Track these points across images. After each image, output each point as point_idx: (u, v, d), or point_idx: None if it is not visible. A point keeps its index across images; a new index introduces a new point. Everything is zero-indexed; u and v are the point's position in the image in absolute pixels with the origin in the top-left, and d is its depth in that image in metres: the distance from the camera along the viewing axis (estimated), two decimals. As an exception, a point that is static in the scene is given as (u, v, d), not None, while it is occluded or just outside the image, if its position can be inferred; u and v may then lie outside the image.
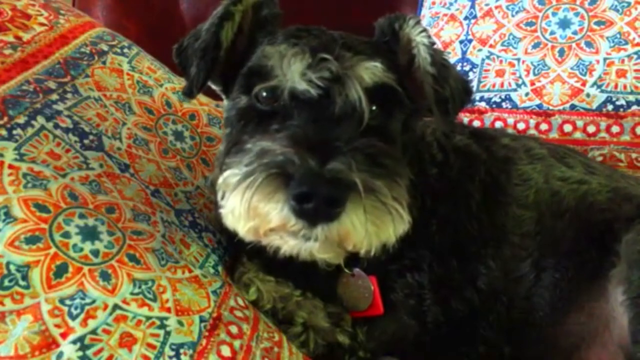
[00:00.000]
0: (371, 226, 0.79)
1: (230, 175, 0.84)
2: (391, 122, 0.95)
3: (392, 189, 0.82)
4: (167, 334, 0.78)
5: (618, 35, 1.57)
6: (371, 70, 0.90)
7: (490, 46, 1.73)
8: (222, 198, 0.86)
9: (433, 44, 0.97)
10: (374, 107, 0.91)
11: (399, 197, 0.83)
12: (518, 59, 1.68)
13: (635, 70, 1.53)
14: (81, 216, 0.84)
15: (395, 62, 0.99)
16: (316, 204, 0.75)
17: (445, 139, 1.15)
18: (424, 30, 0.98)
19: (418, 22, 0.99)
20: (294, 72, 0.88)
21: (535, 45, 1.67)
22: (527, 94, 1.63)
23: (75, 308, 0.75)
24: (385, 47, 1.01)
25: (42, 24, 1.10)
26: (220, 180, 0.87)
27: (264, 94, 0.92)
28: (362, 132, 0.88)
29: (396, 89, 0.93)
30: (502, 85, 1.68)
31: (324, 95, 0.87)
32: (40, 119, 0.93)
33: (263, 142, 0.84)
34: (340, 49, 0.91)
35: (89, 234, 0.82)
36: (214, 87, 1.07)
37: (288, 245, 0.82)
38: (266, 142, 0.83)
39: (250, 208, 0.79)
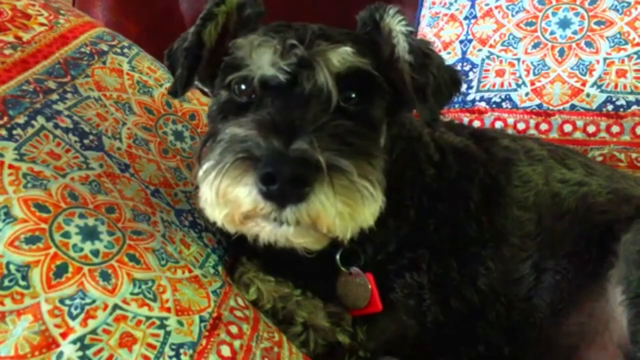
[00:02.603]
0: (341, 206, 0.78)
1: (204, 168, 0.84)
2: (371, 109, 0.95)
3: (360, 167, 0.81)
4: (167, 334, 0.78)
5: (618, 35, 1.57)
6: (341, 55, 0.89)
7: (490, 46, 1.73)
8: (201, 192, 0.86)
9: (411, 32, 0.97)
10: (353, 95, 0.92)
11: (368, 175, 0.82)
12: (518, 59, 1.68)
13: (635, 70, 1.53)
14: (81, 216, 0.84)
15: (377, 52, 0.99)
16: (281, 184, 0.75)
17: (443, 140, 1.15)
18: (403, 19, 0.97)
19: (398, 12, 0.98)
20: (263, 61, 0.89)
21: (535, 45, 1.67)
22: (527, 94, 1.63)
23: (75, 308, 0.75)
24: (367, 37, 1.01)
25: (42, 24, 1.10)
26: (199, 173, 0.87)
27: (239, 86, 0.93)
28: (340, 117, 0.88)
29: (373, 74, 0.92)
30: (502, 85, 1.68)
31: (292, 81, 0.88)
32: (40, 119, 0.93)
33: (233, 129, 0.84)
34: (316, 38, 0.92)
35: (89, 234, 0.82)
36: (205, 89, 1.08)
37: (265, 231, 0.82)
38: (235, 129, 0.84)
39: (219, 194, 0.79)
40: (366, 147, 0.87)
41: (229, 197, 0.79)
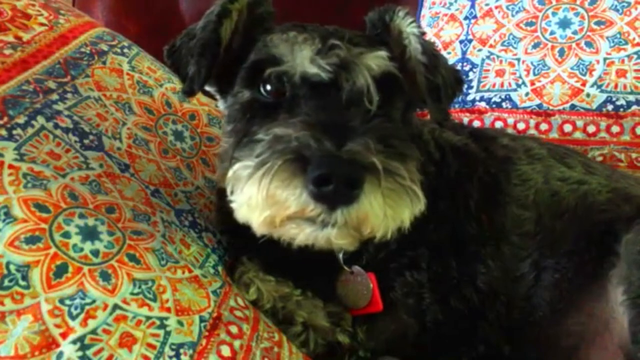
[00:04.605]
0: (388, 207, 0.79)
1: (241, 168, 0.83)
2: (393, 111, 0.96)
3: (407, 169, 0.82)
4: (167, 334, 0.78)
5: (618, 35, 1.57)
6: (378, 59, 0.91)
7: (490, 46, 1.73)
8: (232, 192, 0.85)
9: (423, 33, 0.98)
10: (377, 97, 0.92)
11: (413, 176, 0.83)
12: (518, 59, 1.68)
13: (635, 70, 1.53)
14: (81, 216, 0.84)
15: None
16: (335, 186, 0.74)
17: (443, 138, 1.16)
18: (414, 21, 0.99)
19: (407, 14, 1.00)
20: (303, 57, 0.88)
21: (535, 45, 1.67)
22: (527, 94, 1.63)
23: (75, 308, 0.75)
24: (379, 39, 1.01)
25: (42, 24, 1.10)
26: (229, 174, 0.86)
27: (269, 86, 0.91)
28: (376, 119, 0.88)
29: (398, 77, 0.94)
30: (502, 85, 1.68)
31: (331, 83, 0.88)
32: (40, 119, 0.93)
33: (276, 130, 0.83)
34: (351, 40, 0.92)
35: (89, 234, 0.82)
36: (208, 87, 1.07)
37: (304, 233, 0.81)
38: (279, 129, 0.82)
39: (268, 195, 0.77)
40: (406, 149, 0.87)
41: (277, 198, 0.77)
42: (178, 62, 0.99)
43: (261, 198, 0.78)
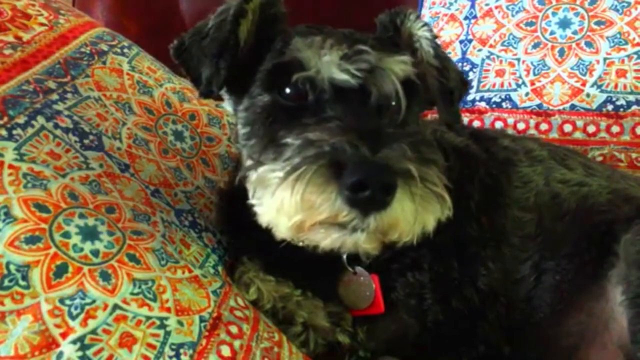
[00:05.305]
0: (419, 214, 0.79)
1: (267, 171, 0.82)
2: (412, 116, 0.95)
3: (438, 175, 0.82)
4: (167, 334, 0.78)
5: (618, 35, 1.57)
6: (402, 63, 0.91)
7: (490, 46, 1.73)
8: (256, 196, 0.85)
9: (435, 37, 0.99)
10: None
11: (442, 182, 0.83)
12: (518, 59, 1.68)
13: (635, 70, 1.53)
14: (81, 216, 0.84)
15: None
16: (372, 191, 0.73)
17: (444, 140, 1.16)
18: (426, 24, 0.99)
19: (419, 17, 1.00)
20: (330, 63, 0.87)
21: (535, 45, 1.67)
22: (527, 94, 1.64)
23: (75, 308, 0.75)
24: (390, 42, 1.01)
25: (42, 24, 1.10)
26: (253, 177, 0.85)
27: (289, 90, 0.90)
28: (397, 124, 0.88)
29: (416, 82, 0.93)
30: (502, 85, 1.68)
31: (359, 88, 0.87)
32: (40, 119, 0.93)
33: (308, 134, 0.81)
34: (375, 45, 0.91)
35: (89, 234, 0.82)
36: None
37: (331, 238, 0.80)
38: (311, 134, 0.81)
39: (302, 200, 0.76)
40: (433, 154, 0.87)
41: (311, 203, 0.76)
42: (188, 62, 0.97)
43: (295, 202, 0.76)
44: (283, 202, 0.78)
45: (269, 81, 0.93)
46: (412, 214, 0.78)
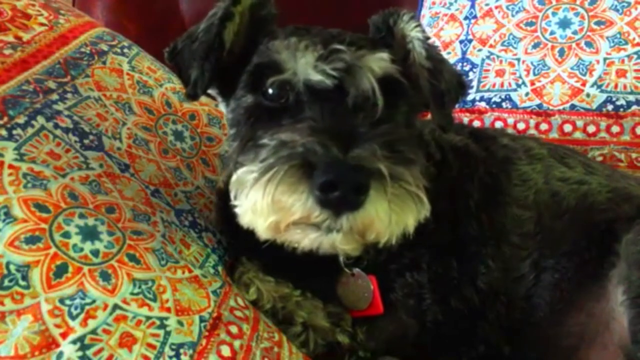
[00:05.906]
0: (394, 214, 0.79)
1: (245, 172, 0.83)
2: (397, 114, 0.95)
3: (413, 175, 0.82)
4: (167, 334, 0.78)
5: (618, 35, 1.57)
6: (380, 61, 0.90)
7: (490, 46, 1.73)
8: (236, 197, 0.85)
9: (427, 38, 0.98)
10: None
11: (418, 182, 0.82)
12: (518, 59, 1.68)
13: (635, 70, 1.53)
14: (81, 216, 0.84)
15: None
16: (342, 192, 0.74)
17: (443, 139, 1.15)
18: (419, 25, 0.98)
19: (412, 17, 0.99)
20: (306, 64, 0.87)
21: (535, 45, 1.67)
22: (527, 94, 1.63)
23: (75, 308, 0.75)
24: (382, 42, 1.01)
25: (42, 24, 1.10)
26: (233, 178, 0.86)
27: (271, 90, 0.90)
28: (381, 124, 0.87)
29: (400, 80, 0.93)
30: (502, 85, 1.68)
31: (335, 87, 0.87)
32: (40, 119, 0.93)
33: (281, 135, 0.82)
34: (353, 43, 0.91)
35: (89, 234, 0.82)
36: (209, 90, 1.06)
37: (309, 238, 0.81)
38: (284, 135, 0.82)
39: (273, 201, 0.77)
40: (411, 154, 0.86)
41: (282, 204, 0.77)
42: (180, 65, 0.98)
43: (266, 204, 0.77)
44: (256, 204, 0.79)
45: (251, 82, 0.94)
46: (387, 214, 0.78)
